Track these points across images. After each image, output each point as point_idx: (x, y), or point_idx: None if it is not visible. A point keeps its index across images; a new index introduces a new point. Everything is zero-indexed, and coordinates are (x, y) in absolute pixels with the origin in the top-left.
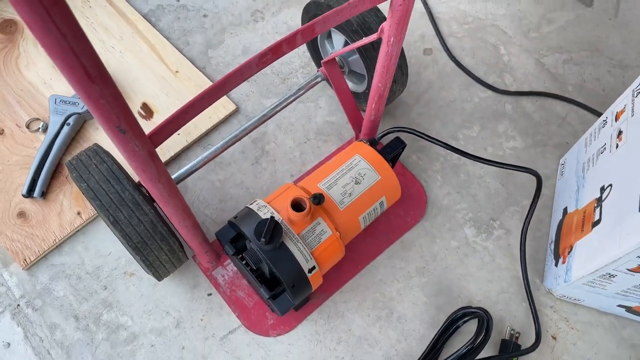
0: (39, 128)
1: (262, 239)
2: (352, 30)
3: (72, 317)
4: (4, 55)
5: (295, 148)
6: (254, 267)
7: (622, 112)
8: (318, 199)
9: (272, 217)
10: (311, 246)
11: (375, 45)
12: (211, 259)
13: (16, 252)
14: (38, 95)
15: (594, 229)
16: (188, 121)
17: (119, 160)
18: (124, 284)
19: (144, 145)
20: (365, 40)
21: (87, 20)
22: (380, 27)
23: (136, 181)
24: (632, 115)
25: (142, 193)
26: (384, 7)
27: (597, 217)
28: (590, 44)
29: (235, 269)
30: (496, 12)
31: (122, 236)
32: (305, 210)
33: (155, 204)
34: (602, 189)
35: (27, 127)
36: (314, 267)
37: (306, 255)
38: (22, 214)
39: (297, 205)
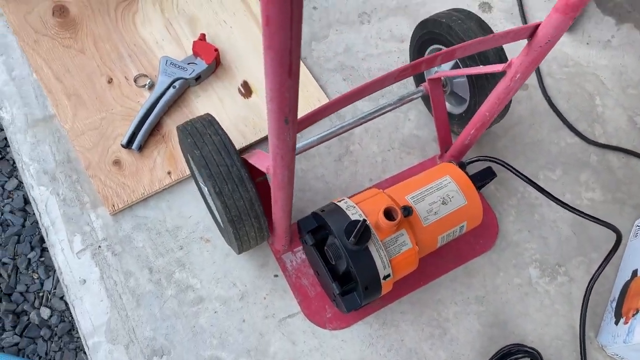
0: (145, 85)
1: (352, 239)
2: (469, 57)
3: (147, 269)
4: (122, 9)
5: (379, 154)
6: (332, 262)
7: None
8: (408, 211)
9: (364, 220)
10: (391, 254)
11: (489, 75)
12: (285, 242)
13: (106, 197)
14: (149, 53)
15: None
16: (324, 117)
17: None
18: (198, 248)
19: (293, 135)
20: (486, 69)
21: None
22: (510, 61)
23: (243, 157)
24: None
25: (247, 170)
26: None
27: None
28: None
29: (304, 256)
30: (598, 62)
31: (223, 207)
32: (396, 220)
33: (255, 183)
34: None
35: (135, 81)
36: (389, 275)
37: (385, 262)
38: (117, 162)
39: (388, 214)
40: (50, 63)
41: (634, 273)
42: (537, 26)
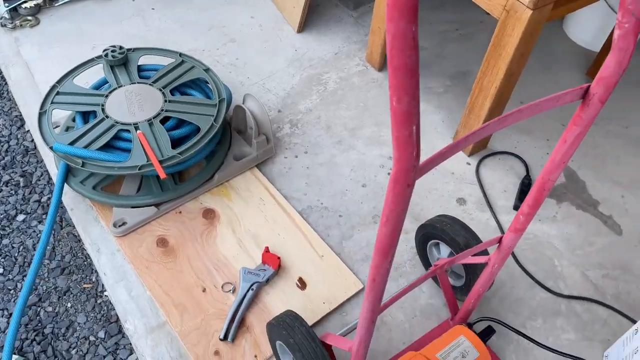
0: (230, 290)
1: None
2: (459, 248)
3: None
4: (206, 234)
5: (405, 322)
6: None
7: None
8: None
9: None
10: None
11: (477, 264)
12: None
13: None
14: (229, 265)
15: None
16: (384, 310)
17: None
18: None
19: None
20: (474, 260)
21: (262, 213)
22: (489, 257)
23: (320, 339)
24: None
25: (326, 350)
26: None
27: None
28: (622, 264)
29: None
30: (550, 233)
31: None
32: None
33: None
34: None
35: (222, 287)
36: None
37: None
38: (217, 353)
39: None
40: (160, 282)
41: None
42: (500, 238)
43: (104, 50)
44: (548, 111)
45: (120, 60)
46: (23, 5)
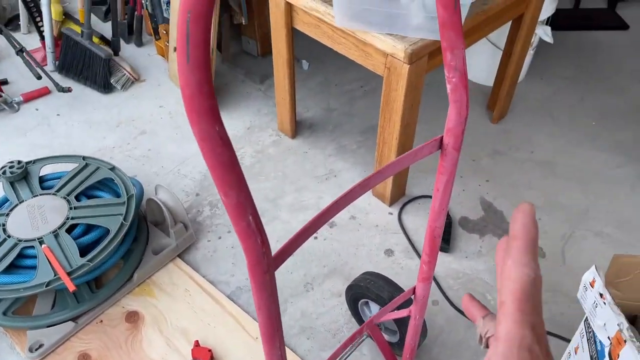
0: None
1: None
2: (384, 303)
3: None
4: (131, 340)
5: None
6: None
7: (577, 348)
8: None
9: None
10: None
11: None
12: None
13: None
14: None
15: None
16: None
17: None
18: None
19: None
20: (399, 314)
21: (188, 305)
22: (409, 309)
23: None
24: (583, 351)
25: None
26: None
27: None
28: (550, 286)
29: None
30: (478, 268)
31: None
32: None
33: None
34: None
35: None
36: None
37: None
38: None
39: None
40: None
41: None
42: (414, 289)
43: (2, 168)
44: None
45: (19, 175)
46: None
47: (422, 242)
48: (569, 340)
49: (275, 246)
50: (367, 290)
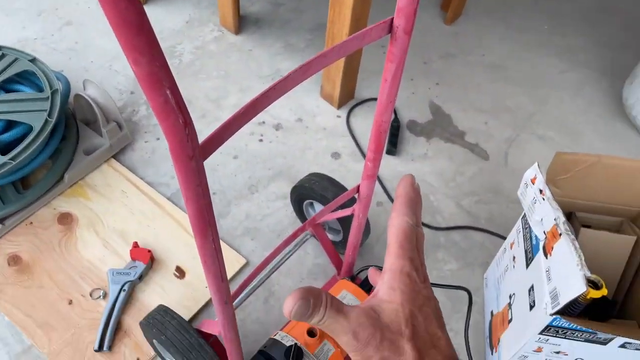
0: (100, 296)
1: None
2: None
3: None
4: (64, 242)
5: (294, 287)
6: None
7: (513, 243)
8: None
9: (296, 344)
10: None
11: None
12: None
13: None
14: (95, 269)
15: (510, 325)
16: (250, 281)
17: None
18: None
19: (231, 308)
20: (343, 213)
21: (126, 207)
22: (353, 207)
23: (196, 328)
24: (518, 246)
25: (203, 337)
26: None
27: (510, 317)
28: (491, 187)
29: None
30: (423, 170)
31: None
32: (317, 335)
33: (210, 345)
34: (510, 297)
35: (90, 295)
36: None
37: None
38: None
39: (311, 333)
40: (17, 304)
41: (492, 313)
42: (358, 187)
43: None
44: (411, 50)
45: None
46: None
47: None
48: (505, 238)
49: (216, 154)
50: (311, 190)
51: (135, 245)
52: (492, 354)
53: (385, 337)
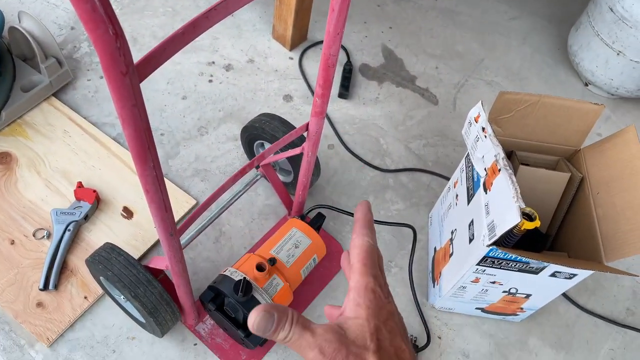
0: (43, 236)
1: (240, 294)
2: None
3: None
4: (4, 181)
5: (245, 227)
6: (232, 316)
7: (456, 182)
8: (272, 261)
9: (244, 278)
10: (271, 294)
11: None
12: (194, 316)
13: (39, 334)
14: (38, 209)
15: (450, 258)
16: (197, 217)
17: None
18: (128, 346)
19: (178, 240)
20: (292, 152)
21: (69, 147)
22: (302, 146)
23: (144, 265)
24: (461, 184)
25: (151, 273)
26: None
27: (451, 251)
28: (439, 131)
29: (212, 322)
30: (374, 114)
31: (141, 305)
32: (266, 270)
33: (159, 281)
34: (452, 232)
35: (34, 235)
36: None
37: (268, 301)
38: (40, 304)
39: (259, 267)
40: None
41: (434, 249)
42: (307, 125)
43: None
44: None
45: None
46: None
47: None
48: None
49: (164, 95)
50: (262, 131)
51: (80, 185)
52: (433, 286)
53: (351, 352)
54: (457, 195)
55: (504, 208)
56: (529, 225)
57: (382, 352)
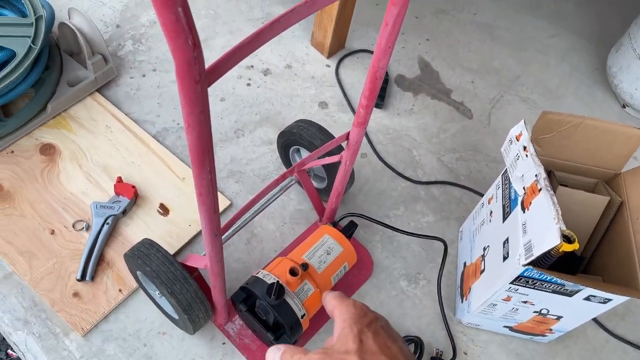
0: (83, 228)
1: (272, 297)
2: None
3: None
4: (47, 173)
5: (276, 230)
6: (263, 318)
7: (491, 198)
8: (305, 266)
9: (277, 281)
10: (302, 299)
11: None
12: (225, 316)
13: (74, 324)
14: (79, 202)
15: (482, 275)
16: (236, 221)
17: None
18: (159, 341)
19: (221, 242)
20: (330, 160)
21: (110, 142)
22: (340, 154)
23: (180, 262)
24: (496, 201)
25: (188, 271)
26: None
27: (483, 267)
28: (472, 145)
29: (241, 322)
30: (408, 125)
31: (176, 302)
32: (298, 275)
33: (194, 279)
34: (484, 249)
35: (73, 226)
36: (304, 314)
37: (299, 306)
38: (76, 294)
39: (293, 272)
40: None
41: (464, 264)
42: (348, 134)
43: None
44: None
45: None
46: None
47: (358, 97)
48: (482, 195)
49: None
50: (299, 137)
51: (120, 180)
52: (462, 302)
53: (334, 358)
54: (491, 212)
55: (543, 228)
56: (568, 248)
57: (364, 351)
